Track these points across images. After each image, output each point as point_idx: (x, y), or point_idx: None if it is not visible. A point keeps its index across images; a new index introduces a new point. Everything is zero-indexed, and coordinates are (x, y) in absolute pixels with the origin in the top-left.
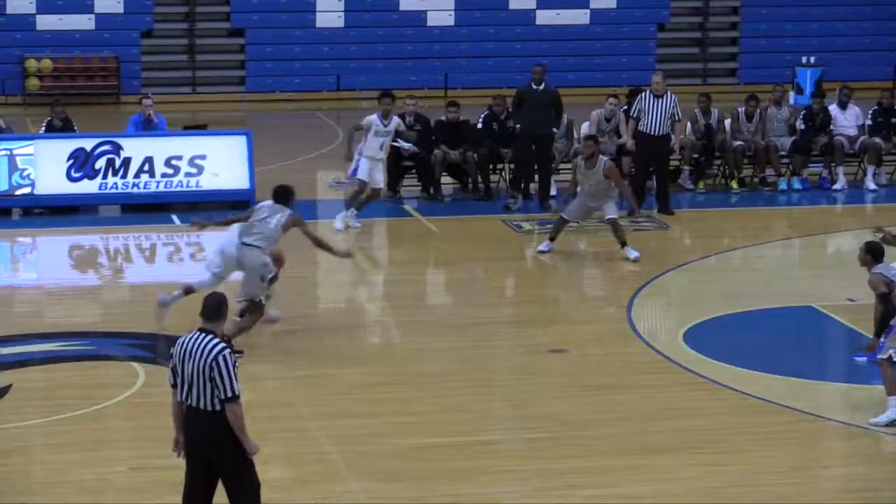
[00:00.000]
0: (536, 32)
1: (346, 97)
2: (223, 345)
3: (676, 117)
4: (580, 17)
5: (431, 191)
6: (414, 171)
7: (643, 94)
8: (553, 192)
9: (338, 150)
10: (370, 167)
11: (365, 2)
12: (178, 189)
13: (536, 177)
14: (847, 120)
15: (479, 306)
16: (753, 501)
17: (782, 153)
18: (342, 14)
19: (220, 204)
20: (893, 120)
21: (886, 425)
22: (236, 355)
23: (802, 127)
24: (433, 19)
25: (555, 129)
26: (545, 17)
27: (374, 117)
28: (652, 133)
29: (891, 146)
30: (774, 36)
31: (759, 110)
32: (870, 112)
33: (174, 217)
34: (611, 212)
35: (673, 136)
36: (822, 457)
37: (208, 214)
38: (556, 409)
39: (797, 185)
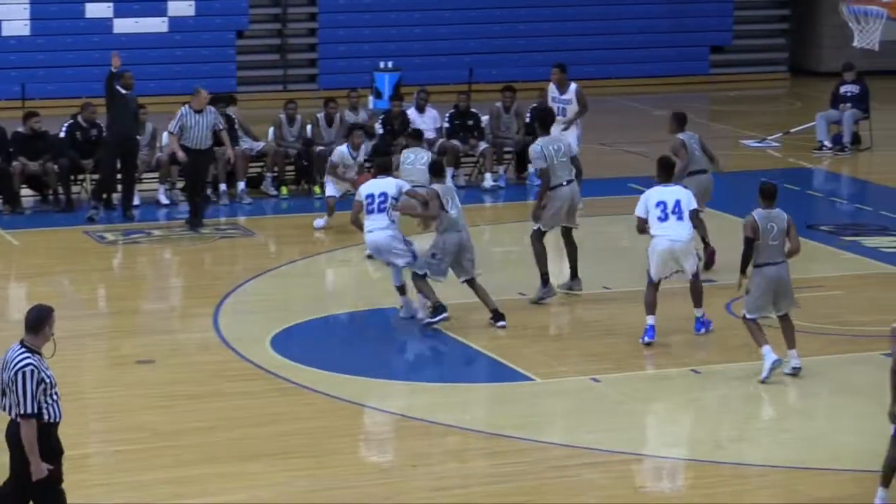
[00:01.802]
0: (115, 41)
1: None
2: (26, 360)
3: (219, 126)
4: (158, 25)
5: (11, 204)
6: None
7: (183, 109)
8: (136, 201)
9: None
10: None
11: None
12: None
13: (120, 186)
14: (425, 123)
15: (63, 319)
16: (344, 503)
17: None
18: None
19: None
20: (469, 122)
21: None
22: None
23: (381, 131)
24: (8, 29)
25: (138, 137)
26: (123, 25)
27: (344, 148)
28: (196, 147)
29: (468, 148)
30: (352, 41)
31: (337, 115)
32: (447, 115)
33: None
34: None
35: (226, 149)
36: (411, 456)
37: None
38: (146, 420)
39: None
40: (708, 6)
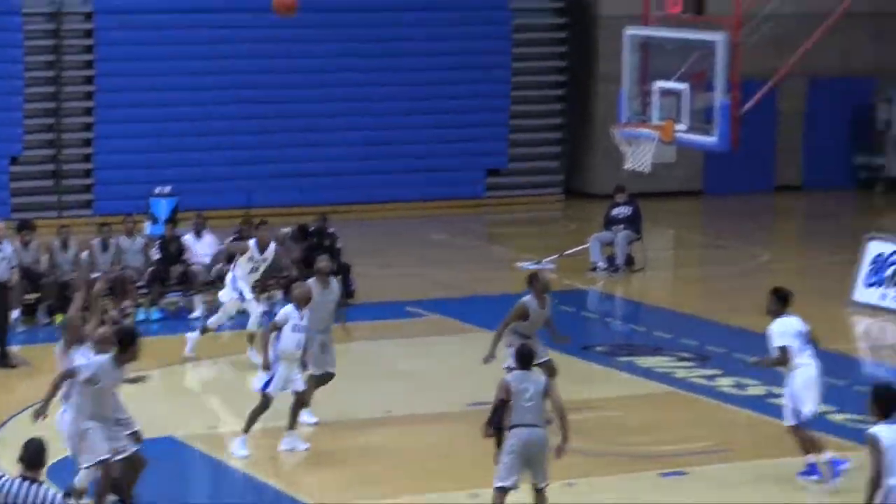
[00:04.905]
0: None
1: None
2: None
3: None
4: None
5: None
6: None
7: None
8: None
9: None
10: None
11: None
12: None
13: None
14: (203, 248)
15: None
16: None
17: (140, 283)
18: None
19: None
20: None
21: None
22: None
23: (158, 256)
24: None
25: None
26: None
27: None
28: None
29: None
30: (129, 167)
31: (113, 241)
32: (230, 239)
33: None
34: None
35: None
36: None
37: None
38: None
39: (156, 315)
40: (483, 130)
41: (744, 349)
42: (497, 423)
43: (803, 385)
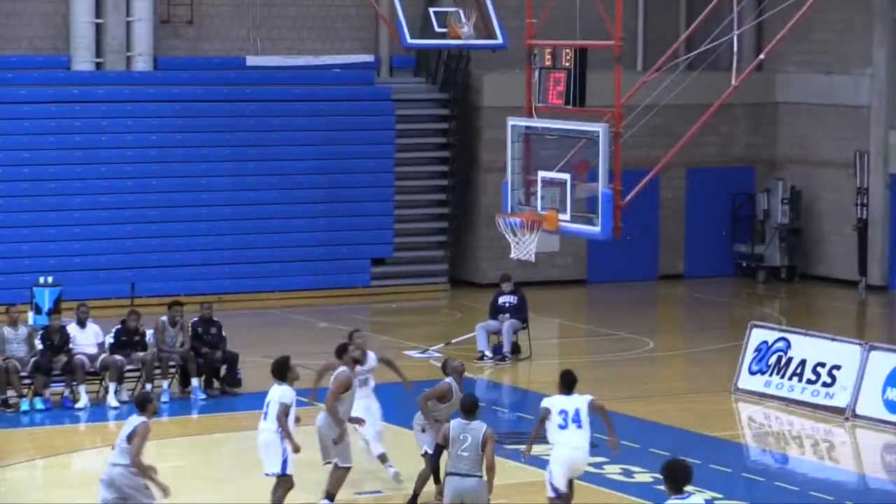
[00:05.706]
0: None
1: None
2: None
3: None
4: None
5: None
6: None
7: None
8: None
9: None
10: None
11: None
12: None
13: None
14: (87, 338)
15: None
16: None
17: (23, 373)
18: None
19: None
20: (136, 338)
21: None
22: None
23: (41, 346)
24: None
25: None
26: None
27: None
28: None
29: (129, 362)
30: (12, 257)
31: None
32: (113, 330)
33: None
34: None
35: None
36: None
37: None
38: None
39: (40, 405)
40: (368, 219)
41: (629, 436)
42: (433, 466)
43: (556, 461)
